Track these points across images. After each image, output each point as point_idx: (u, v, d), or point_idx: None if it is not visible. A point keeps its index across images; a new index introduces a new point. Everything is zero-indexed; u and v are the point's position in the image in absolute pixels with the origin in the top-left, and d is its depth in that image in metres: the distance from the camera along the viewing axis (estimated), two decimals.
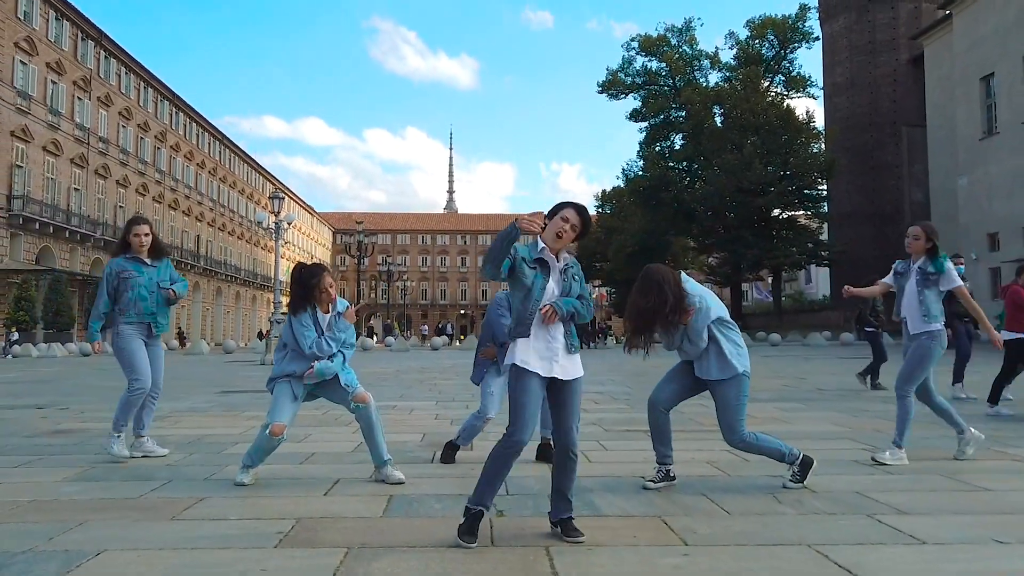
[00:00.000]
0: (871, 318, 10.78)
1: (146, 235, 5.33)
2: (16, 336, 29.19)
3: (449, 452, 5.25)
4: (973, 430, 5.14)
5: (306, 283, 4.46)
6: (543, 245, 3.31)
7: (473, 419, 5.19)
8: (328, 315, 4.54)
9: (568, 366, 3.32)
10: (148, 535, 3.38)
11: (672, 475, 4.32)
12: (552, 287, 3.30)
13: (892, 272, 5.34)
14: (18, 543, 3.25)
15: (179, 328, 52.49)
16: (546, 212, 3.34)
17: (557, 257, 3.35)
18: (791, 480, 4.23)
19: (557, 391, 3.33)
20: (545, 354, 3.27)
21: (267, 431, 4.32)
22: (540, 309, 3.24)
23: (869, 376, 10.67)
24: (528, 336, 3.27)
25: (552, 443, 3.56)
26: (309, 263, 4.71)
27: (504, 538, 3.31)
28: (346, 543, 3.22)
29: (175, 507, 3.89)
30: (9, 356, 25.96)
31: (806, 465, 4.24)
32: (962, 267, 10.49)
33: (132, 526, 3.54)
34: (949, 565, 2.93)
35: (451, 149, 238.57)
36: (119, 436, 5.24)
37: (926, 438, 5.84)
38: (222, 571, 2.90)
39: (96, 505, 3.99)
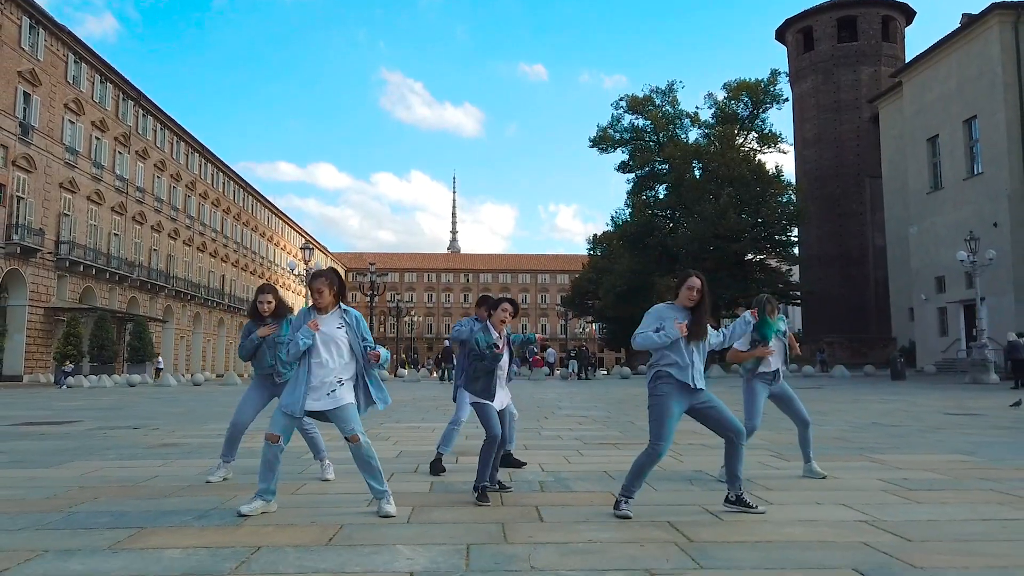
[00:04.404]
0: None
1: (269, 303, 5.80)
2: (71, 368, 30.66)
3: (436, 464, 6.12)
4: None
5: None
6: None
7: (449, 427, 6.30)
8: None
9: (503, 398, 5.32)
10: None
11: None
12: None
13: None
14: (205, 504, 4.88)
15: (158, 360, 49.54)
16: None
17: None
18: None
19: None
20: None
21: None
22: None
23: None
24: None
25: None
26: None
27: (508, 503, 4.95)
28: (409, 506, 4.84)
29: (285, 489, 5.50)
30: (64, 387, 27.44)
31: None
32: None
33: None
34: (760, 521, 4.56)
35: (454, 192, 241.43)
36: (219, 464, 5.94)
37: (825, 448, 7.45)
38: (327, 518, 4.54)
39: (231, 487, 5.58)
